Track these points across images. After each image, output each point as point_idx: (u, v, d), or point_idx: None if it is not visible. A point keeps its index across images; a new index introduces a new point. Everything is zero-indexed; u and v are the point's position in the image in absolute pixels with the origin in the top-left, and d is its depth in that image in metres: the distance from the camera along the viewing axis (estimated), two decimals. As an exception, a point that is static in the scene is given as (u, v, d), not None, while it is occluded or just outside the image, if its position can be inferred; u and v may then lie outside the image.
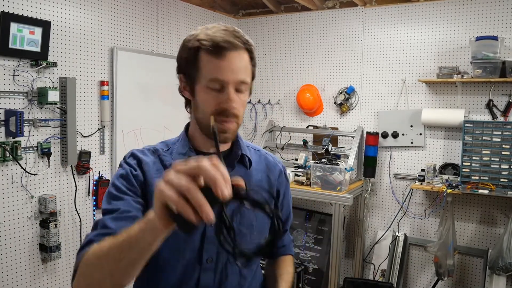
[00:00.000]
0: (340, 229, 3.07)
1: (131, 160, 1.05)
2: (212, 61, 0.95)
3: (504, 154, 2.90)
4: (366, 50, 3.56)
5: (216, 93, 0.97)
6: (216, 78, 0.95)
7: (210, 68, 0.96)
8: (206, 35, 0.96)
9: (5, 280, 2.37)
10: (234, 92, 0.97)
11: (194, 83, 1.00)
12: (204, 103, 0.99)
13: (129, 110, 3.01)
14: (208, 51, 0.95)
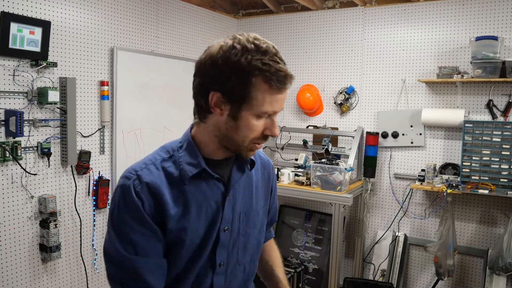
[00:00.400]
0: (340, 229, 3.07)
1: (138, 186, 0.95)
2: (271, 95, 0.92)
3: (504, 154, 2.90)
4: (366, 50, 3.56)
5: (263, 120, 0.95)
6: (271, 110, 0.94)
7: (268, 101, 0.92)
8: (266, 64, 0.89)
9: (5, 280, 2.37)
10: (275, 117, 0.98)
11: (240, 108, 0.92)
12: (250, 130, 0.95)
13: (129, 110, 3.01)
14: (269, 83, 0.90)
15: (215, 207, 1.02)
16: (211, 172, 1.01)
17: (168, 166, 1.00)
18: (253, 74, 0.89)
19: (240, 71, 0.89)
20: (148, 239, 0.95)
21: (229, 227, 1.05)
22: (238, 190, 1.07)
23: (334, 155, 3.39)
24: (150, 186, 0.95)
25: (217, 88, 0.92)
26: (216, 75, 0.92)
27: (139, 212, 0.94)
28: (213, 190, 1.02)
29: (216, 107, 0.94)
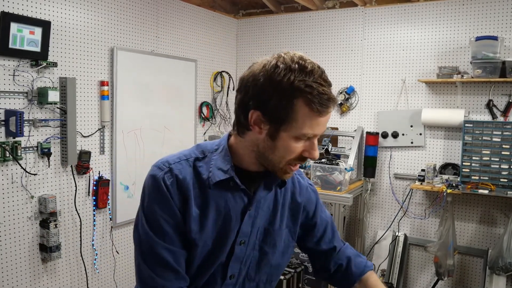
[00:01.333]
0: (340, 229, 3.07)
1: (169, 178, 0.97)
2: (312, 117, 0.89)
3: (504, 154, 2.90)
4: (366, 50, 3.56)
5: (302, 142, 0.93)
6: (310, 133, 0.91)
7: (308, 124, 0.89)
8: (309, 86, 0.87)
9: (5, 280, 2.37)
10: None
11: (279, 129, 0.91)
12: (287, 151, 0.93)
13: (129, 110, 3.01)
14: (310, 106, 0.88)
15: (235, 218, 1.01)
16: (238, 182, 0.99)
17: (199, 166, 1.00)
18: (294, 95, 0.87)
19: (281, 91, 0.87)
20: (174, 230, 0.97)
21: (245, 241, 1.04)
22: (261, 206, 1.05)
23: (334, 155, 3.39)
24: (180, 181, 0.97)
25: (258, 107, 0.91)
26: (257, 93, 0.91)
27: (169, 203, 0.96)
28: (236, 201, 1.01)
29: (255, 125, 0.93)
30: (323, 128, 0.93)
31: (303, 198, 1.16)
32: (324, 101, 0.88)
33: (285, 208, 1.12)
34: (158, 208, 0.97)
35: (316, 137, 0.94)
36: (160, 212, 0.96)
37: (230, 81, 4.04)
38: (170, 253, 0.96)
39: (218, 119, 3.96)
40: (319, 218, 1.21)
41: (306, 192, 1.18)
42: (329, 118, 0.94)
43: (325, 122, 0.93)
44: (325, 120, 0.92)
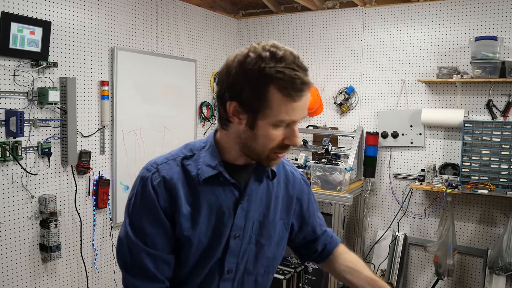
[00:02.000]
0: (340, 229, 3.07)
1: (156, 179, 0.98)
2: (286, 103, 0.89)
3: (503, 154, 2.91)
4: (366, 50, 3.56)
5: (281, 129, 0.93)
6: (287, 119, 0.91)
7: (283, 110, 0.89)
8: (279, 72, 0.88)
9: (5, 280, 2.37)
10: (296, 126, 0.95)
11: (257, 117, 0.91)
12: (268, 139, 0.93)
13: (129, 110, 3.02)
14: (283, 91, 0.88)
15: (227, 212, 1.02)
16: (228, 176, 1.00)
17: (188, 164, 1.01)
18: (266, 83, 0.87)
19: (253, 80, 0.88)
20: (158, 233, 0.97)
21: (240, 234, 1.04)
22: (254, 199, 1.05)
23: (334, 155, 3.39)
24: (167, 180, 0.98)
25: (233, 98, 0.92)
26: (231, 84, 0.92)
27: (153, 204, 0.97)
28: (227, 195, 1.02)
29: (234, 116, 0.94)
30: (300, 113, 0.92)
31: (296, 190, 1.18)
32: (297, 85, 0.88)
33: (278, 200, 1.13)
34: (142, 209, 0.98)
35: (295, 123, 0.94)
36: (144, 213, 0.97)
37: (230, 81, 4.04)
38: (149, 256, 0.97)
39: (218, 119, 3.96)
40: (311, 208, 1.24)
41: (299, 185, 1.19)
42: (307, 103, 0.93)
43: (302, 107, 0.92)
44: (301, 105, 0.91)
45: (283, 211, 1.15)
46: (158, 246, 0.97)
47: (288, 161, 1.22)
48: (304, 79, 0.90)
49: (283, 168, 1.17)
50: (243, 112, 0.92)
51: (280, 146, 0.95)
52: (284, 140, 0.94)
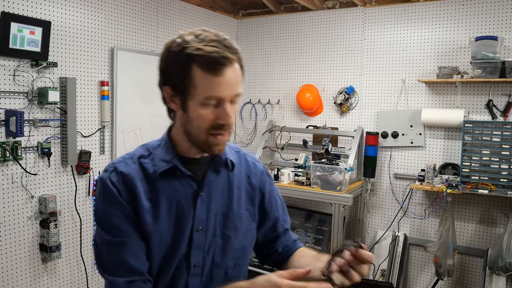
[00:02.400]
0: (340, 229, 3.07)
1: (114, 176, 1.00)
2: (208, 79, 0.91)
3: (503, 154, 2.91)
4: (366, 50, 3.56)
5: (212, 108, 0.94)
6: (213, 96, 0.92)
7: (206, 86, 0.92)
8: (198, 49, 0.91)
9: (5, 280, 2.37)
10: (229, 105, 0.95)
11: (186, 98, 0.95)
12: (200, 119, 0.95)
13: (129, 110, 3.02)
14: (203, 67, 0.91)
15: (187, 205, 1.02)
16: (183, 169, 1.01)
17: (145, 162, 1.03)
18: (189, 63, 0.91)
19: (178, 62, 0.93)
20: (127, 221, 0.98)
21: (203, 227, 1.03)
22: (214, 190, 1.06)
23: (334, 155, 3.39)
24: (124, 175, 1.00)
25: (166, 82, 0.98)
26: (163, 70, 0.98)
27: (116, 199, 0.98)
28: (186, 188, 1.02)
29: (171, 101, 0.99)
30: (226, 89, 0.92)
31: (258, 181, 1.17)
32: (216, 60, 0.90)
33: (241, 191, 1.12)
34: (107, 206, 0.98)
35: (224, 101, 0.93)
36: (109, 209, 0.98)
37: (230, 81, 4.04)
38: (125, 247, 0.96)
39: (218, 119, 3.96)
40: (273, 200, 1.21)
41: (261, 176, 1.19)
42: (233, 80, 0.93)
43: (227, 83, 0.92)
44: (226, 81, 0.92)
45: (248, 202, 1.14)
46: (130, 234, 0.97)
47: (250, 154, 1.23)
48: (224, 53, 0.91)
49: (244, 159, 1.17)
50: (175, 95, 0.96)
51: (213, 126, 0.95)
52: (217, 119, 0.94)
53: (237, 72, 0.95)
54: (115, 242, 0.97)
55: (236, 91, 0.95)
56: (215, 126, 0.95)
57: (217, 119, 0.94)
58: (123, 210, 0.98)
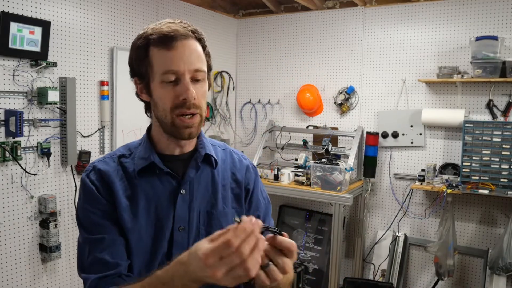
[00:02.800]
0: (340, 229, 3.07)
1: (93, 175, 1.00)
2: (162, 54, 0.93)
3: (504, 154, 2.90)
4: (366, 50, 3.56)
5: (172, 86, 0.93)
6: (169, 70, 0.92)
7: (162, 61, 0.93)
8: (153, 30, 0.95)
9: (5, 280, 2.37)
10: (190, 82, 0.94)
11: (149, 82, 0.97)
12: (162, 99, 0.95)
13: (129, 110, 3.01)
14: (157, 44, 0.93)
15: (167, 203, 1.00)
16: (161, 166, 1.00)
17: (125, 162, 1.02)
18: (146, 46, 0.95)
19: (139, 49, 0.98)
20: (105, 218, 0.96)
21: (185, 227, 1.00)
22: (196, 188, 1.03)
23: (334, 155, 3.39)
24: (103, 173, 1.00)
25: (133, 74, 1.01)
26: (129, 63, 1.02)
27: (94, 195, 0.97)
28: (165, 186, 1.01)
29: (141, 93, 1.01)
30: (181, 63, 0.92)
31: (243, 177, 1.12)
32: (167, 34, 0.92)
33: (226, 188, 1.09)
34: (86, 204, 0.98)
35: (182, 75, 0.93)
36: (88, 207, 0.97)
37: (230, 81, 4.04)
38: (100, 244, 0.94)
39: (218, 119, 3.96)
40: (255, 200, 1.14)
41: (247, 172, 1.14)
42: (187, 54, 0.93)
43: (182, 57, 0.93)
44: (179, 54, 0.93)
45: (233, 200, 1.10)
46: (109, 231, 0.96)
47: (237, 150, 1.19)
48: (174, 28, 0.93)
49: (230, 156, 1.14)
50: (141, 83, 0.99)
51: (176, 105, 0.94)
52: (178, 96, 0.93)
53: (194, 48, 0.95)
54: (94, 239, 0.95)
55: (195, 65, 0.94)
56: (178, 105, 0.94)
57: (179, 96, 0.93)
58: (101, 206, 0.97)
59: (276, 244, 0.77)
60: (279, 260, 0.77)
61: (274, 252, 0.77)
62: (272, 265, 0.76)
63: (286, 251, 0.77)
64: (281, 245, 0.77)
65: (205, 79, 0.98)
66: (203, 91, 0.97)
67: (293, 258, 0.78)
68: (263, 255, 0.75)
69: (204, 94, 0.98)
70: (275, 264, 0.76)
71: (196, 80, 0.95)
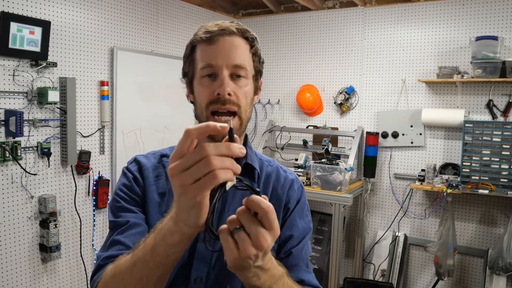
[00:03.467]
0: (340, 229, 3.07)
1: (133, 166, 1.00)
2: (204, 49, 0.92)
3: (504, 154, 2.90)
4: (366, 50, 3.56)
5: (210, 81, 0.90)
6: (206, 64, 0.90)
7: (202, 56, 0.91)
8: (202, 27, 0.94)
9: (5, 280, 2.37)
10: (229, 78, 0.89)
11: (193, 80, 0.95)
12: (200, 95, 0.92)
13: (129, 110, 3.01)
14: (202, 41, 0.92)
15: None
16: None
17: (166, 162, 0.99)
18: (193, 44, 0.95)
19: (186, 48, 0.97)
20: (133, 204, 0.93)
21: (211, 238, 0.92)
22: (230, 198, 0.94)
23: (334, 155, 3.39)
24: (142, 167, 0.99)
25: (183, 74, 1.01)
26: (182, 68, 1.01)
27: (130, 183, 0.96)
28: None
29: (189, 94, 0.99)
30: (220, 57, 0.89)
31: (284, 193, 1.01)
32: (208, 29, 0.91)
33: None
34: (119, 191, 0.96)
35: (219, 69, 0.89)
36: (121, 193, 0.95)
37: (230, 81, 4.04)
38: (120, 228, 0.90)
39: (218, 119, 3.96)
40: (291, 219, 0.99)
41: (290, 189, 1.02)
42: (229, 48, 0.90)
43: (221, 51, 0.90)
44: (219, 48, 0.90)
45: None
46: (133, 215, 0.92)
47: (285, 168, 1.10)
48: (221, 24, 0.92)
49: (276, 171, 1.04)
50: (187, 83, 0.99)
51: (212, 101, 0.89)
52: (213, 92, 0.89)
53: (237, 44, 0.91)
54: (118, 222, 0.91)
55: (234, 61, 0.90)
56: (213, 100, 0.89)
57: (214, 91, 0.89)
58: (133, 195, 0.95)
59: (249, 204, 0.62)
60: (252, 228, 0.61)
61: (247, 218, 0.62)
62: (243, 232, 0.62)
63: (261, 218, 0.62)
64: (253, 205, 0.62)
65: (248, 78, 0.93)
66: (245, 90, 0.92)
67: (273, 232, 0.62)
68: (234, 218, 0.63)
69: (247, 94, 0.92)
70: (247, 233, 0.62)
71: (236, 77, 0.91)
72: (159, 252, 0.70)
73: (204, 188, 0.60)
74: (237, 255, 0.62)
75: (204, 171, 0.59)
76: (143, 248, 0.72)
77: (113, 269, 0.77)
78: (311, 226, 1.03)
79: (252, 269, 0.66)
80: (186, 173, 0.60)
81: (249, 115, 0.95)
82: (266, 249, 0.62)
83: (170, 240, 0.68)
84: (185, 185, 0.60)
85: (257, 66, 0.97)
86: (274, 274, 0.73)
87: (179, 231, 0.66)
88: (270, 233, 0.62)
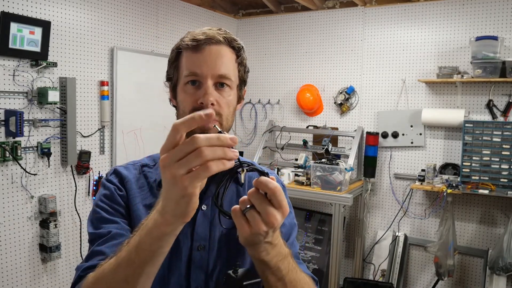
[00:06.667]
0: (340, 229, 3.07)
1: (114, 178, 0.96)
2: (189, 56, 0.92)
3: (504, 154, 2.90)
4: (366, 50, 3.56)
5: (194, 89, 0.90)
6: (191, 72, 0.89)
7: (188, 63, 0.91)
8: (188, 34, 0.94)
9: (5, 280, 2.37)
10: (213, 87, 0.89)
11: (176, 85, 0.94)
12: (183, 102, 0.91)
13: (129, 110, 3.01)
14: (187, 48, 0.92)
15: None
16: None
17: (148, 171, 0.98)
18: (179, 49, 0.95)
19: (172, 52, 0.97)
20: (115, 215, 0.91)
21: (205, 246, 0.91)
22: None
23: (334, 155, 3.39)
24: (122, 176, 0.96)
25: (166, 78, 0.99)
26: (167, 71, 1.00)
27: (112, 194, 0.93)
28: None
29: (172, 98, 0.98)
30: (205, 66, 0.89)
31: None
32: (194, 37, 0.91)
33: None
34: (100, 202, 0.92)
35: (204, 79, 0.89)
36: (102, 204, 0.92)
37: (230, 81, 4.04)
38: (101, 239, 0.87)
39: (218, 119, 3.96)
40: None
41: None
42: (214, 57, 0.90)
43: (207, 60, 0.89)
44: (205, 57, 0.90)
45: None
46: (114, 226, 0.89)
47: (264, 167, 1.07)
48: (208, 32, 0.91)
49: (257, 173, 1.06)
50: (171, 87, 0.97)
51: (194, 109, 0.88)
52: (197, 100, 0.89)
53: (223, 54, 0.91)
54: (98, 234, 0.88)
55: (219, 71, 0.89)
56: (196, 109, 0.87)
57: (197, 100, 0.88)
58: (115, 205, 0.92)
59: (258, 184, 0.67)
60: (262, 208, 0.67)
61: (257, 198, 0.68)
62: (253, 210, 0.68)
63: (271, 198, 0.67)
64: (261, 186, 0.67)
65: (232, 88, 0.93)
66: (228, 99, 0.91)
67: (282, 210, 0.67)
68: (245, 199, 0.69)
69: (229, 103, 0.92)
70: (258, 212, 0.67)
71: (221, 86, 0.91)
72: (144, 248, 0.69)
73: (196, 180, 0.61)
74: (249, 232, 0.68)
75: (197, 162, 0.60)
76: (127, 247, 0.71)
77: (95, 274, 0.75)
78: (295, 222, 1.06)
79: (262, 244, 0.72)
80: (178, 163, 0.60)
81: (230, 123, 0.95)
82: (276, 226, 0.68)
83: (156, 233, 0.68)
84: (177, 176, 0.61)
85: (242, 76, 0.97)
86: (281, 251, 0.78)
87: (165, 223, 0.67)
88: (279, 211, 0.67)
